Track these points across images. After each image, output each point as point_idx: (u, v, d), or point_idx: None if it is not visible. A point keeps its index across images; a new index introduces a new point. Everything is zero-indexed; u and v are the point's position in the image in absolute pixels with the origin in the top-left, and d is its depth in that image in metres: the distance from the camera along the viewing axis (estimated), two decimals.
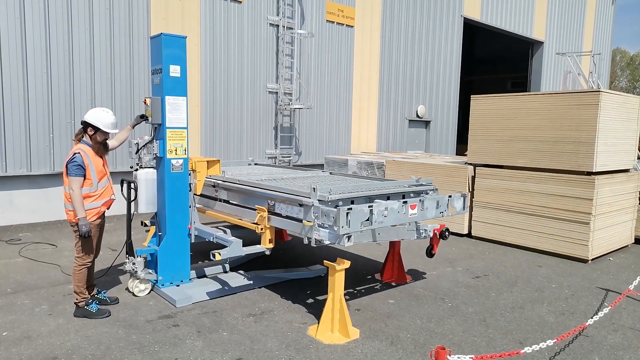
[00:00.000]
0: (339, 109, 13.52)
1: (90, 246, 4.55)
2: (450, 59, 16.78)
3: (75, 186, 4.32)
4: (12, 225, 8.40)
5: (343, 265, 4.23)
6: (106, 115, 4.52)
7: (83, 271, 4.52)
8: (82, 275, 4.52)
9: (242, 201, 5.51)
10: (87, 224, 4.36)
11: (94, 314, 4.50)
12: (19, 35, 8.22)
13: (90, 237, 4.46)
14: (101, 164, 4.58)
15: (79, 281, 4.51)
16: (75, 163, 4.33)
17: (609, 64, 26.43)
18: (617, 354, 4.15)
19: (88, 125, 4.47)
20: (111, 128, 4.56)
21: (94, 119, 4.46)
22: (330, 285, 4.27)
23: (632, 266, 6.97)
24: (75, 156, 4.36)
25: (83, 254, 4.51)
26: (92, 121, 4.46)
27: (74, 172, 4.32)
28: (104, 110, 4.57)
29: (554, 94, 7.42)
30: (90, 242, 4.51)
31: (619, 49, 55.05)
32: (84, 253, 4.51)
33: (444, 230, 5.35)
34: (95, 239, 4.57)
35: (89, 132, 4.50)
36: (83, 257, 4.52)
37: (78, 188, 4.33)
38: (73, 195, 4.32)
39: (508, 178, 7.85)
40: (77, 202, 4.32)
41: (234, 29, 11.06)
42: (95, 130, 4.49)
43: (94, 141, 4.52)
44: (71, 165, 4.33)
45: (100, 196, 4.56)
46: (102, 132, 4.51)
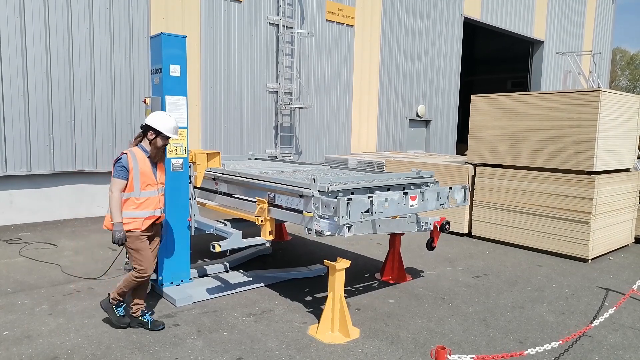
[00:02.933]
0: (339, 108, 13.51)
1: (144, 259, 4.18)
2: (451, 58, 16.78)
3: (115, 188, 4.06)
4: (12, 225, 8.41)
5: (343, 265, 4.23)
6: (168, 119, 4.25)
7: (137, 283, 4.23)
8: (134, 284, 4.24)
9: (242, 193, 5.53)
10: (121, 231, 4.03)
11: (115, 317, 4.27)
12: (19, 35, 8.21)
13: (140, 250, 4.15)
14: (152, 172, 4.25)
15: (126, 287, 4.24)
16: (120, 164, 4.08)
17: (609, 64, 26.42)
18: (617, 353, 4.15)
19: (149, 128, 4.21)
20: (172, 132, 4.26)
21: (155, 122, 4.19)
22: (331, 284, 4.27)
23: (632, 265, 6.97)
24: (122, 157, 4.12)
25: (138, 269, 4.16)
26: (153, 124, 4.18)
27: (116, 173, 4.07)
28: (165, 114, 4.33)
29: (554, 93, 7.42)
30: (142, 253, 4.17)
31: (619, 49, 55.03)
32: (140, 267, 4.16)
33: (444, 223, 5.34)
34: (145, 251, 4.21)
35: (149, 136, 4.22)
36: (142, 272, 4.17)
37: (117, 190, 4.06)
38: (111, 197, 4.07)
39: (508, 177, 7.85)
40: (113, 205, 4.05)
41: (234, 29, 11.06)
42: (156, 135, 4.21)
43: (154, 146, 4.23)
44: (116, 165, 4.09)
45: (142, 205, 4.18)
46: (163, 136, 4.22)
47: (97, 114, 9.14)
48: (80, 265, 6.15)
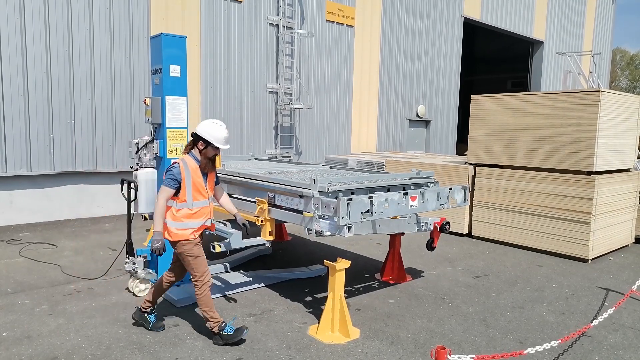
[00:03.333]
0: (339, 108, 13.52)
1: (200, 265, 4.07)
2: (451, 58, 16.78)
3: (162, 196, 3.94)
4: (12, 225, 8.40)
5: (343, 265, 4.23)
6: (219, 129, 4.10)
7: (207, 293, 4.05)
8: (207, 299, 4.05)
9: (242, 194, 5.53)
10: (159, 240, 3.94)
11: (232, 337, 4.03)
12: (19, 35, 8.22)
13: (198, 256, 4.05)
14: (203, 182, 4.11)
15: (206, 306, 4.05)
16: (172, 174, 3.95)
17: (609, 64, 26.42)
18: (617, 353, 4.15)
19: (199, 138, 4.08)
20: (223, 143, 4.11)
21: (205, 132, 4.06)
22: (331, 284, 4.27)
23: (632, 266, 6.97)
24: (174, 166, 3.99)
25: (198, 276, 4.06)
26: (203, 134, 4.05)
27: (166, 182, 3.95)
28: (217, 123, 4.15)
29: (554, 93, 7.42)
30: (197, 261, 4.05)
31: (619, 49, 55.03)
32: (199, 274, 4.05)
33: (444, 223, 5.34)
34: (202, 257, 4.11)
35: (199, 146, 4.08)
36: (200, 280, 4.05)
37: (163, 199, 3.93)
38: (156, 204, 3.94)
39: (508, 178, 7.85)
40: (157, 213, 3.93)
41: (234, 29, 11.06)
42: (206, 145, 4.06)
43: (204, 156, 4.09)
44: (168, 173, 3.98)
45: (194, 215, 4.06)
46: (214, 147, 4.08)
47: (97, 114, 9.14)
48: (80, 266, 6.15)
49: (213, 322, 4.04)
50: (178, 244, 4.04)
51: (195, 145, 4.11)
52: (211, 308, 4.06)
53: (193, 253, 4.03)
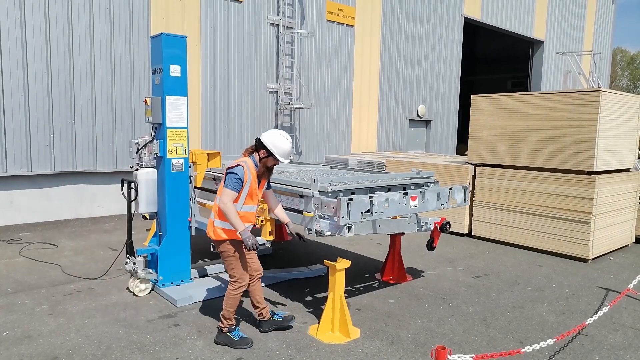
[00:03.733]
0: (339, 108, 13.51)
1: (240, 266, 4.07)
2: (451, 58, 16.78)
3: (227, 199, 3.87)
4: (13, 225, 8.41)
5: (343, 265, 4.23)
6: (284, 142, 4.03)
7: (237, 296, 4.05)
8: (235, 300, 4.05)
9: None
10: (250, 237, 3.87)
11: (235, 343, 4.02)
12: (19, 35, 8.22)
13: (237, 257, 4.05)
14: (256, 188, 4.08)
15: (230, 306, 4.06)
16: (237, 175, 3.90)
17: (609, 64, 26.41)
18: (617, 353, 4.15)
19: (263, 146, 4.03)
20: (286, 157, 4.07)
21: (270, 142, 4.00)
22: (331, 284, 4.27)
23: (632, 265, 6.96)
24: (238, 168, 3.93)
25: (237, 277, 4.05)
26: (268, 144, 4.00)
27: (231, 184, 3.89)
28: (283, 135, 4.07)
29: (554, 93, 7.42)
30: (238, 262, 4.06)
31: (620, 49, 55.03)
32: (237, 275, 4.05)
33: (444, 223, 5.34)
34: (242, 257, 4.10)
35: (261, 153, 4.04)
36: (238, 281, 4.04)
37: (230, 201, 3.87)
38: (225, 208, 3.86)
39: (508, 178, 7.85)
40: (231, 216, 3.86)
41: (234, 29, 11.06)
42: (268, 154, 4.02)
43: (263, 164, 4.07)
44: (231, 175, 3.91)
45: (242, 219, 3.99)
46: (275, 158, 4.04)
47: (97, 114, 9.14)
48: (81, 266, 6.16)
49: (225, 323, 4.06)
50: (221, 244, 4.04)
51: (257, 151, 4.08)
52: (233, 310, 4.07)
53: (232, 253, 4.03)
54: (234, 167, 3.95)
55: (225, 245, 4.02)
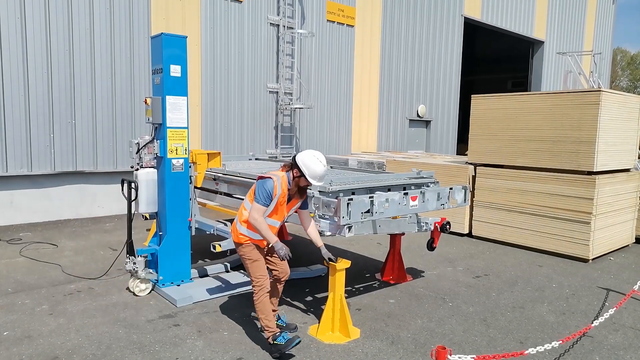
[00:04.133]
0: (339, 108, 13.51)
1: (259, 268, 4.04)
2: (451, 58, 16.77)
3: (258, 215, 3.87)
4: (13, 225, 8.41)
5: (343, 265, 4.22)
6: (318, 164, 3.96)
7: (263, 300, 3.98)
8: (263, 305, 3.97)
9: (242, 194, 5.53)
10: (282, 247, 3.91)
11: (285, 346, 3.86)
12: (19, 35, 8.22)
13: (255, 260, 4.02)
14: (284, 204, 4.05)
15: (261, 312, 3.97)
16: (266, 191, 3.86)
17: (609, 64, 26.41)
18: (617, 353, 4.15)
19: (297, 166, 3.98)
20: (317, 180, 3.99)
21: (303, 164, 3.95)
22: (331, 284, 4.27)
23: (632, 266, 6.96)
24: (269, 181, 3.90)
25: (255, 279, 4.01)
26: (300, 165, 3.95)
27: (261, 199, 3.87)
28: (318, 158, 4.01)
29: (554, 93, 7.42)
30: (256, 264, 4.03)
31: (620, 49, 55.03)
32: (256, 277, 4.01)
33: (445, 223, 5.34)
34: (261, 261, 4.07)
35: (294, 172, 4.00)
36: (257, 284, 4.00)
37: (260, 216, 3.88)
38: (256, 224, 3.87)
39: (509, 178, 7.85)
40: (263, 230, 3.88)
41: (235, 29, 11.06)
42: (300, 174, 3.97)
43: (295, 184, 4.04)
44: (262, 189, 3.88)
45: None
46: (306, 179, 3.98)
47: (97, 114, 9.14)
48: (81, 266, 6.16)
49: (268, 331, 3.93)
50: (240, 247, 4.05)
51: (291, 169, 4.03)
52: (267, 316, 3.95)
53: (252, 256, 4.02)
54: (266, 178, 3.92)
55: (242, 248, 4.03)
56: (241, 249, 4.04)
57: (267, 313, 3.96)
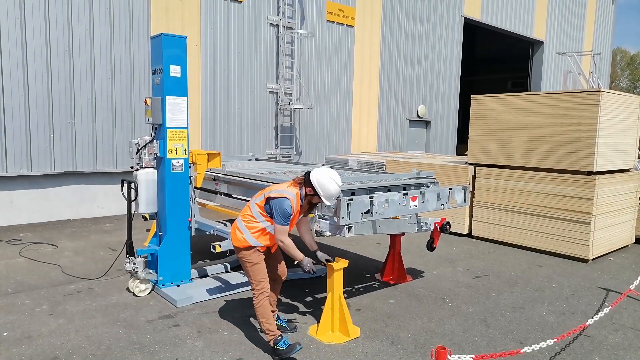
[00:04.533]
0: (339, 109, 13.51)
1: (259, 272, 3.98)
2: (451, 58, 16.78)
3: (284, 236, 3.83)
4: (13, 225, 8.41)
5: (341, 265, 4.22)
6: (332, 185, 3.86)
7: (263, 303, 3.92)
8: (263, 309, 3.92)
9: (242, 194, 5.54)
10: (308, 262, 3.94)
11: (287, 351, 3.83)
12: (19, 35, 8.22)
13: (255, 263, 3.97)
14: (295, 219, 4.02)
15: (261, 316, 3.93)
16: (286, 211, 3.79)
17: (609, 64, 26.41)
18: (617, 353, 4.15)
19: (310, 184, 3.89)
20: (331, 200, 3.94)
21: (318, 183, 3.86)
22: (329, 285, 4.26)
23: (632, 266, 6.96)
24: (285, 202, 3.81)
25: (255, 283, 3.97)
26: (314, 184, 3.86)
27: (282, 220, 3.80)
28: (333, 178, 3.89)
29: (554, 93, 7.42)
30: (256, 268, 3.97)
31: (620, 49, 55.04)
32: (256, 281, 3.96)
33: (445, 224, 5.34)
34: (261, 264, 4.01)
35: (307, 190, 3.92)
36: (256, 288, 3.96)
37: (287, 237, 3.84)
38: (284, 247, 3.85)
39: (509, 178, 7.85)
40: (291, 250, 3.86)
41: (234, 29, 11.06)
42: (314, 193, 3.91)
43: (307, 201, 3.99)
44: (281, 210, 3.79)
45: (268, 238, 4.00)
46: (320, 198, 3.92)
47: (97, 114, 9.14)
48: (81, 266, 6.16)
49: (269, 335, 3.90)
50: (240, 250, 3.99)
51: (305, 185, 3.95)
52: (268, 319, 3.92)
53: (252, 260, 3.96)
54: (281, 198, 3.83)
55: (244, 252, 3.97)
56: (242, 252, 3.99)
57: (268, 316, 3.93)
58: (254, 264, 3.97)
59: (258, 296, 3.94)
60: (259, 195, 4.05)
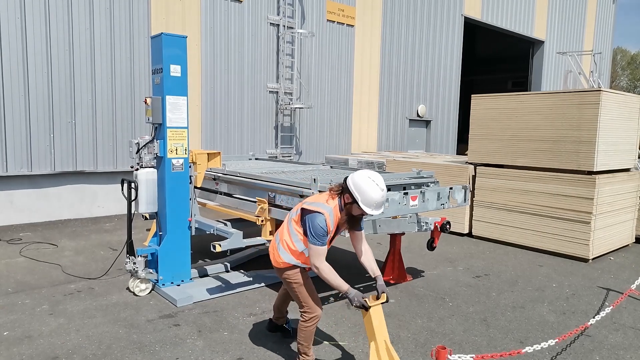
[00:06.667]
0: (339, 108, 13.51)
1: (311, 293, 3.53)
2: (451, 58, 16.77)
3: (320, 261, 3.28)
4: (13, 225, 8.41)
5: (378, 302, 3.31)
6: (374, 188, 3.26)
7: (312, 329, 3.51)
8: (309, 334, 3.51)
9: (242, 193, 5.54)
10: (356, 296, 3.29)
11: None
12: (19, 35, 8.22)
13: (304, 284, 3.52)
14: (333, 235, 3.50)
15: (304, 340, 3.52)
16: (321, 229, 3.24)
17: (609, 63, 26.41)
18: (617, 353, 4.15)
19: (348, 191, 3.31)
20: (373, 208, 3.30)
21: (357, 188, 3.27)
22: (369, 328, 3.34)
23: (632, 265, 6.96)
24: (320, 216, 3.26)
25: (307, 307, 3.49)
26: (353, 190, 3.27)
27: (318, 240, 3.26)
28: (374, 180, 3.28)
29: (554, 93, 7.41)
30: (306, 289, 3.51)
31: (620, 48, 55.02)
32: (308, 305, 3.49)
33: (445, 223, 5.34)
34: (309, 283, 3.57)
35: (345, 198, 3.34)
36: (308, 311, 3.49)
37: (323, 262, 3.29)
38: (322, 274, 3.30)
39: (509, 177, 7.85)
40: (331, 279, 3.31)
41: (234, 29, 11.06)
42: (352, 201, 3.30)
43: (346, 211, 3.37)
44: (315, 227, 3.25)
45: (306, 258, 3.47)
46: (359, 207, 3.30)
47: (97, 114, 9.14)
48: (81, 266, 6.16)
49: (302, 358, 3.57)
50: (281, 271, 3.55)
51: (342, 194, 3.37)
52: (309, 345, 3.54)
53: (297, 279, 3.48)
54: (314, 213, 3.29)
55: (286, 271, 3.49)
56: (285, 273, 3.51)
57: (310, 342, 3.55)
58: (301, 284, 3.48)
59: (308, 320, 3.48)
60: (296, 208, 3.54)
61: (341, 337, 4.27)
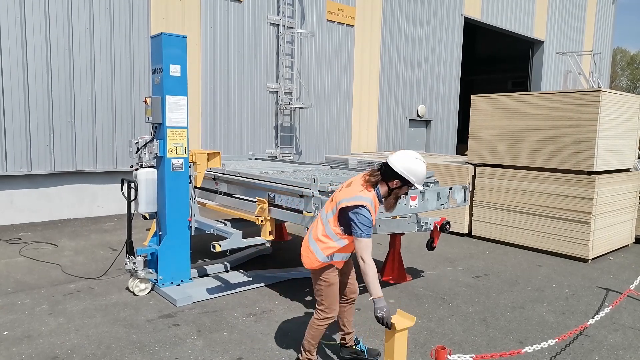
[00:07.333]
0: (339, 108, 13.51)
1: (332, 294, 3.47)
2: (451, 58, 16.77)
3: (368, 254, 3.19)
4: (13, 224, 8.41)
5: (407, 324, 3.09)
6: (421, 165, 3.30)
7: (322, 329, 3.50)
8: (319, 332, 3.50)
9: (242, 193, 5.54)
10: (383, 308, 3.09)
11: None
12: (19, 35, 8.21)
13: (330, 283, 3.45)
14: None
15: (312, 337, 3.51)
16: (368, 220, 3.20)
17: (609, 64, 26.40)
18: (617, 353, 4.15)
19: (394, 175, 3.28)
20: (422, 185, 3.45)
21: (406, 168, 3.25)
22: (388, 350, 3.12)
23: (632, 266, 6.96)
24: (363, 210, 3.20)
25: (325, 305, 3.46)
26: (403, 172, 3.25)
27: (365, 231, 3.20)
28: (418, 158, 3.30)
29: (554, 93, 7.42)
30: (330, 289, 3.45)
31: (620, 49, 55.04)
32: (326, 304, 3.45)
33: (444, 223, 5.35)
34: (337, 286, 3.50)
35: (392, 184, 3.30)
36: (325, 310, 3.45)
37: (371, 257, 3.20)
38: (367, 269, 3.18)
39: (508, 178, 7.85)
40: (373, 274, 3.18)
41: (234, 29, 11.05)
42: (402, 184, 3.30)
43: (394, 195, 3.36)
44: (363, 220, 3.20)
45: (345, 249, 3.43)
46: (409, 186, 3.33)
47: (97, 113, 9.13)
48: (81, 265, 6.16)
49: (304, 355, 3.57)
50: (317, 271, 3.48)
51: (385, 181, 3.32)
52: (315, 343, 3.53)
53: (329, 279, 3.44)
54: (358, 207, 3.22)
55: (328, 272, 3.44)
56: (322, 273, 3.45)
57: (317, 340, 3.54)
58: (330, 284, 3.44)
59: (323, 319, 3.46)
60: (328, 209, 3.45)
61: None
